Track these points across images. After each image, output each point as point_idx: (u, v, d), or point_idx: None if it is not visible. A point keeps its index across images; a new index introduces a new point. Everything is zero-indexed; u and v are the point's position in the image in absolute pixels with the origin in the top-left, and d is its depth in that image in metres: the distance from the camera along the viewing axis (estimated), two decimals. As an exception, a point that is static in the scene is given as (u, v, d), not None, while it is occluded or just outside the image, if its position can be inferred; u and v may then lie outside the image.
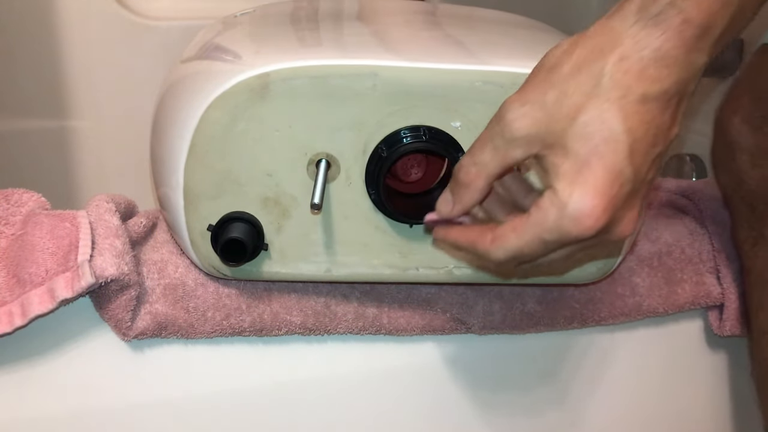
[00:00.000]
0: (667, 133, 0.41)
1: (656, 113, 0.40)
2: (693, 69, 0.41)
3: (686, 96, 0.42)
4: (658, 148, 0.41)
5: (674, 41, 0.40)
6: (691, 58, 0.40)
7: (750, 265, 0.63)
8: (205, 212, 0.54)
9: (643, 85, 0.40)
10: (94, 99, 0.89)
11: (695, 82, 0.42)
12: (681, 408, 0.69)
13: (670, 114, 0.41)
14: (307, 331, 0.60)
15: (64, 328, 0.56)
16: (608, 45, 0.40)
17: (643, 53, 0.40)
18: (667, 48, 0.40)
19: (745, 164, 0.62)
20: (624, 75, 0.40)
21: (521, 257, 0.43)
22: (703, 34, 0.40)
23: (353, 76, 0.52)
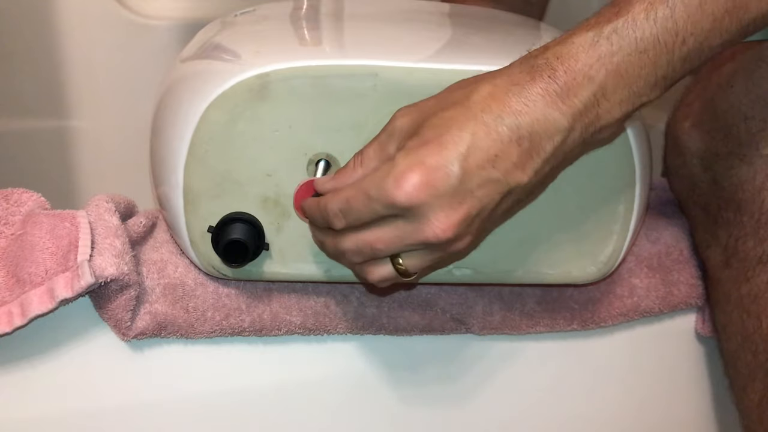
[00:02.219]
0: (511, 168, 0.45)
1: (505, 140, 0.44)
2: (549, 125, 0.45)
3: (541, 152, 0.45)
4: (495, 172, 0.45)
5: (538, 89, 0.45)
6: (550, 112, 0.45)
7: (706, 267, 0.65)
8: (204, 212, 0.54)
9: (502, 109, 0.45)
10: (94, 99, 0.89)
11: (554, 143, 0.45)
12: (677, 406, 0.69)
13: (519, 153, 0.45)
14: (306, 331, 0.60)
15: (63, 328, 0.56)
16: (490, 76, 0.47)
17: (512, 88, 0.45)
18: (531, 90, 0.45)
19: (696, 168, 0.63)
20: (489, 97, 0.45)
21: (349, 211, 0.47)
22: (565, 96, 0.45)
23: (353, 77, 0.52)
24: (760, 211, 0.59)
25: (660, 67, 0.45)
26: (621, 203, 0.56)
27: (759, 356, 0.59)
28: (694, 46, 0.45)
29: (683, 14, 0.44)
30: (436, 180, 0.44)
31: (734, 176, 0.60)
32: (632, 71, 0.45)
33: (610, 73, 0.45)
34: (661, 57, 0.45)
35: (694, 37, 0.45)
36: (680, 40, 0.45)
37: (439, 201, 0.45)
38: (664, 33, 0.44)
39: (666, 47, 0.45)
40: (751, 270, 0.59)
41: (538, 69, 0.45)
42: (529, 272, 0.58)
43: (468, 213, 0.45)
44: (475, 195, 0.45)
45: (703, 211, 0.64)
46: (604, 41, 0.45)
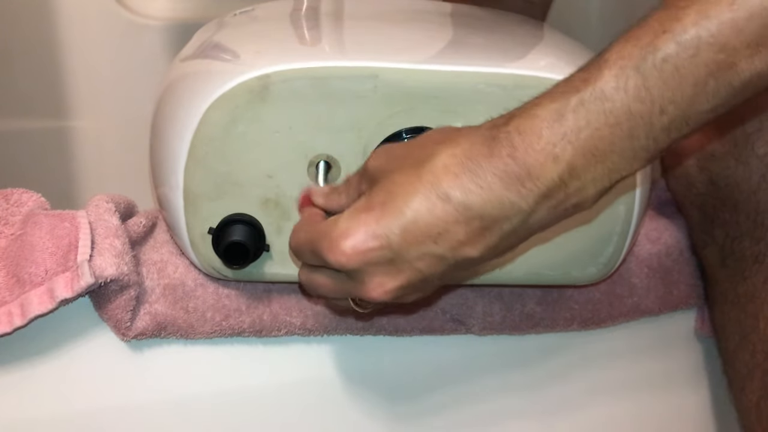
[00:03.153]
0: (456, 245, 0.42)
1: (450, 220, 0.42)
2: (506, 208, 0.41)
3: (496, 230, 0.42)
4: (437, 248, 0.42)
5: (495, 168, 0.41)
6: (506, 195, 0.41)
7: (704, 266, 0.65)
8: (205, 214, 0.54)
9: (451, 185, 0.41)
10: (94, 99, 0.89)
11: (512, 224, 0.42)
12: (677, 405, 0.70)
13: (467, 232, 0.42)
14: (306, 332, 0.59)
15: (63, 328, 0.56)
16: (454, 141, 0.43)
17: (467, 163, 0.41)
18: (486, 169, 0.41)
19: (692, 168, 0.63)
20: (443, 169, 0.42)
21: (299, 254, 0.48)
22: (526, 178, 0.41)
23: (354, 78, 0.51)
24: (756, 211, 0.59)
25: (637, 139, 0.40)
26: (621, 204, 0.56)
27: (757, 356, 0.59)
28: (677, 114, 0.39)
29: (658, 81, 0.39)
30: (370, 249, 0.43)
31: (730, 176, 0.60)
32: (603, 147, 0.40)
33: (578, 150, 0.40)
34: (636, 129, 0.40)
35: (674, 106, 0.39)
36: (657, 110, 0.39)
37: (373, 269, 0.44)
38: (638, 103, 0.39)
39: (642, 119, 0.39)
40: (747, 270, 0.60)
41: (498, 144, 0.41)
42: (530, 273, 0.58)
43: (407, 281, 0.44)
44: (414, 266, 0.43)
45: (700, 211, 0.64)
46: (570, 115, 0.40)
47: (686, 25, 0.38)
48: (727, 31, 0.38)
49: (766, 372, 0.58)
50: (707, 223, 0.63)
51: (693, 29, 0.38)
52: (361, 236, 0.43)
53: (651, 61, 0.39)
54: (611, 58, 0.40)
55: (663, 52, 0.39)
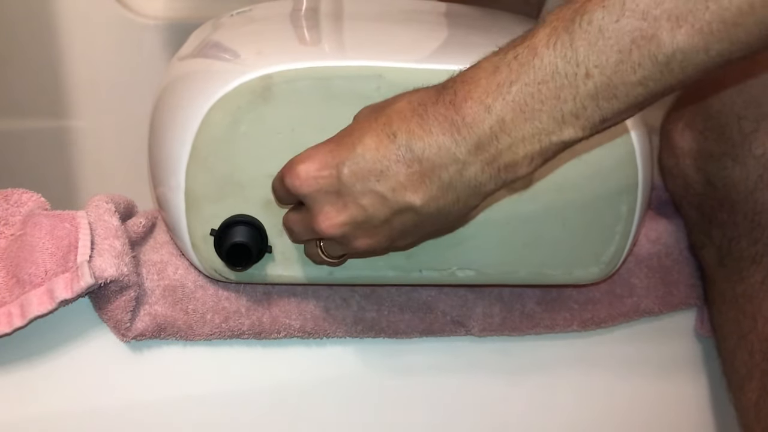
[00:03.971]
0: (398, 187, 0.44)
1: (392, 159, 0.43)
2: (443, 153, 0.42)
3: (435, 179, 0.43)
4: (380, 187, 0.44)
5: (438, 113, 0.43)
6: (443, 140, 0.42)
7: (702, 266, 0.65)
8: (206, 215, 0.54)
9: (399, 127, 0.43)
10: (94, 99, 0.89)
11: (449, 173, 0.43)
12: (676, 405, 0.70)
13: (408, 175, 0.43)
14: (306, 334, 0.59)
15: (63, 328, 0.56)
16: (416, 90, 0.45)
17: (417, 108, 0.44)
18: (430, 113, 0.43)
19: (690, 169, 0.64)
20: (397, 113, 0.44)
21: (275, 188, 0.51)
22: (462, 125, 0.42)
23: (357, 78, 0.51)
24: (754, 211, 0.59)
25: (564, 101, 0.40)
26: (623, 203, 0.56)
27: (755, 356, 0.59)
28: (602, 81, 0.39)
29: (584, 42, 0.39)
30: (322, 177, 0.45)
31: (727, 177, 0.60)
32: (532, 104, 0.41)
33: (508, 103, 0.41)
34: (563, 90, 0.40)
35: (599, 71, 0.39)
36: (583, 73, 0.39)
37: (324, 197, 0.46)
38: (564, 62, 0.40)
39: (568, 79, 0.40)
40: (745, 270, 0.60)
41: (444, 91, 0.43)
42: (532, 273, 0.58)
43: (352, 217, 0.46)
44: (358, 202, 0.45)
45: (698, 212, 0.64)
46: (504, 67, 0.41)
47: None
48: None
49: (764, 372, 0.58)
50: (705, 223, 0.63)
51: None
52: (315, 163, 0.46)
53: (578, 23, 0.39)
54: (548, 19, 0.41)
55: (590, 15, 0.39)
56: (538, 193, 0.55)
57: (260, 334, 0.59)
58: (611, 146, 0.55)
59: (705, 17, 0.37)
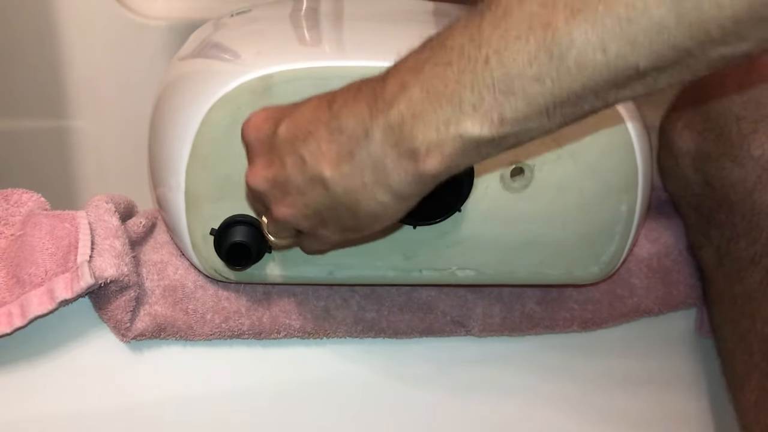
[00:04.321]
0: (317, 153, 0.42)
1: (322, 121, 0.42)
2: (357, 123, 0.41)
3: (349, 155, 0.41)
4: (302, 148, 0.43)
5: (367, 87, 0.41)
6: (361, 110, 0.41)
7: (701, 267, 0.65)
8: (206, 215, 0.54)
9: (338, 94, 0.43)
10: (94, 99, 0.89)
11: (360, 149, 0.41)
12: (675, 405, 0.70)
13: (328, 142, 0.42)
14: (306, 334, 0.59)
15: (63, 328, 0.56)
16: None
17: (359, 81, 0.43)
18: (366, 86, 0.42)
19: (688, 169, 0.63)
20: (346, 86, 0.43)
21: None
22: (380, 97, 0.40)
23: (356, 78, 0.51)
24: (752, 212, 0.59)
25: (464, 87, 0.37)
26: (623, 203, 0.56)
27: (754, 356, 0.59)
28: (499, 69, 0.36)
29: (489, 25, 0.36)
30: (262, 128, 0.46)
31: (726, 177, 0.60)
32: (438, 87, 0.38)
33: (419, 82, 0.38)
34: (465, 74, 0.37)
35: (497, 58, 0.36)
36: (483, 57, 0.36)
37: (260, 148, 0.46)
38: (470, 44, 0.37)
39: (470, 63, 0.37)
40: (744, 270, 0.60)
41: (387, 69, 0.41)
42: (532, 273, 0.58)
43: (274, 174, 0.45)
44: (283, 161, 0.44)
45: (696, 212, 0.64)
46: (427, 47, 0.39)
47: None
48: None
49: (764, 372, 0.58)
50: (703, 224, 0.63)
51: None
52: (264, 115, 0.46)
53: (490, 5, 0.37)
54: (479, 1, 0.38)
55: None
56: (537, 193, 0.55)
57: (260, 334, 0.59)
58: (611, 146, 0.55)
59: (598, 8, 0.33)
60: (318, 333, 0.60)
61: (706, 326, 0.67)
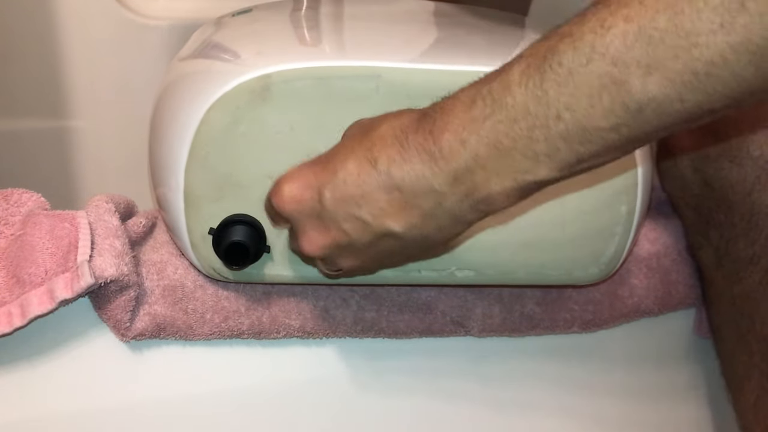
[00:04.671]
0: (379, 214, 0.44)
1: (372, 185, 0.43)
2: (422, 183, 0.42)
3: (416, 207, 0.43)
4: (361, 212, 0.44)
5: (417, 142, 0.42)
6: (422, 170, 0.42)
7: (700, 267, 0.65)
8: (205, 215, 0.54)
9: (380, 153, 0.43)
10: (94, 99, 0.89)
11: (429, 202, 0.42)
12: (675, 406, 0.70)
13: (388, 201, 0.43)
14: (305, 334, 0.59)
15: (63, 328, 0.56)
16: (400, 114, 0.45)
17: (399, 134, 0.43)
18: (411, 141, 0.42)
19: (687, 170, 0.64)
20: (379, 137, 0.44)
21: (267, 210, 0.52)
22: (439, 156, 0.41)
23: (356, 78, 0.51)
24: (751, 212, 0.59)
25: (536, 141, 0.39)
26: (623, 204, 0.56)
27: (753, 356, 0.59)
28: (573, 124, 0.38)
29: (554, 84, 0.37)
30: (304, 199, 0.46)
31: (724, 178, 0.60)
32: (506, 142, 0.39)
33: (482, 138, 0.40)
34: (535, 130, 0.39)
35: (570, 114, 0.37)
36: (554, 114, 0.38)
37: (307, 220, 0.46)
38: (535, 103, 0.38)
39: (539, 120, 0.38)
40: (742, 271, 0.60)
41: (425, 119, 0.42)
42: (532, 273, 0.58)
43: (335, 241, 0.46)
44: (341, 227, 0.45)
45: (695, 212, 0.64)
46: (480, 101, 0.40)
47: (585, 31, 0.37)
48: (618, 43, 0.36)
49: (763, 372, 0.58)
50: (702, 224, 0.63)
51: (589, 36, 0.37)
52: (298, 185, 0.46)
53: (549, 63, 0.38)
54: (525, 54, 0.39)
55: (560, 56, 0.37)
56: (537, 193, 0.55)
57: (260, 333, 0.59)
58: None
59: (675, 67, 0.35)
60: (317, 333, 0.60)
61: (705, 327, 0.67)
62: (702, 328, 0.67)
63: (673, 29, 0.34)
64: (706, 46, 0.34)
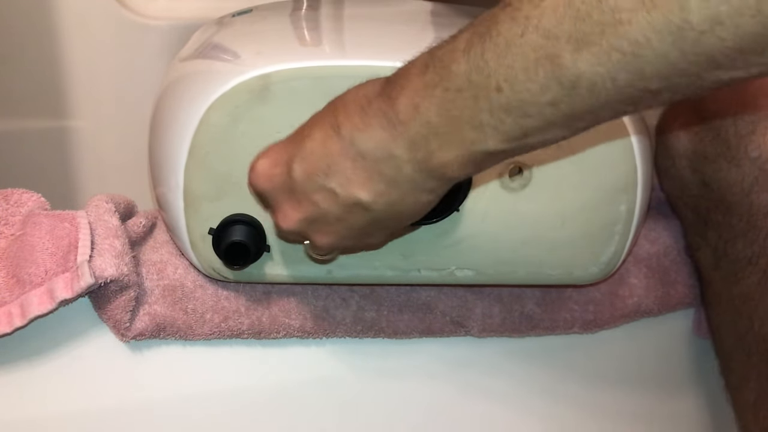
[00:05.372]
0: (346, 182, 0.43)
1: (336, 153, 0.43)
2: (382, 148, 0.42)
3: (380, 174, 0.42)
4: (330, 182, 0.44)
5: (377, 107, 0.42)
6: (381, 135, 0.41)
7: (698, 268, 0.65)
8: (205, 214, 0.54)
9: (344, 121, 0.43)
10: (94, 99, 0.89)
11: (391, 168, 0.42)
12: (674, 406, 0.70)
13: (354, 169, 0.43)
14: (305, 334, 0.60)
15: (63, 328, 0.56)
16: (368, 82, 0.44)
17: (362, 101, 0.42)
18: (373, 107, 0.42)
19: (685, 170, 0.64)
20: (344, 105, 0.43)
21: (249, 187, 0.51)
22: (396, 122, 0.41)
23: (354, 78, 0.51)
24: (749, 213, 0.59)
25: (481, 111, 0.38)
26: (623, 203, 0.56)
27: (752, 357, 0.59)
28: (513, 97, 0.37)
29: (493, 54, 0.37)
30: (275, 174, 0.46)
31: (723, 179, 0.60)
32: (453, 111, 0.39)
33: (433, 105, 0.39)
34: (479, 101, 0.38)
35: (509, 85, 0.37)
36: (494, 85, 0.37)
37: (281, 195, 0.46)
38: (477, 73, 0.37)
39: (481, 90, 0.38)
40: (741, 271, 0.60)
41: (387, 85, 0.42)
42: (531, 273, 0.58)
43: (308, 214, 0.46)
44: (311, 198, 0.45)
45: (693, 213, 0.64)
46: (431, 69, 0.39)
47: (524, 1, 0.36)
48: (549, 15, 0.35)
49: (761, 373, 0.58)
50: (700, 224, 0.63)
51: (527, 6, 0.36)
52: (269, 160, 0.46)
53: (490, 32, 0.37)
54: (474, 23, 0.39)
55: (499, 26, 0.37)
56: (536, 193, 0.55)
57: (260, 333, 0.59)
58: (610, 145, 0.55)
59: (602, 44, 0.34)
60: (317, 332, 0.60)
61: (704, 327, 0.67)
62: (701, 329, 0.67)
63: (597, 3, 0.33)
64: (629, 23, 0.33)
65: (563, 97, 0.36)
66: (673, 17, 0.32)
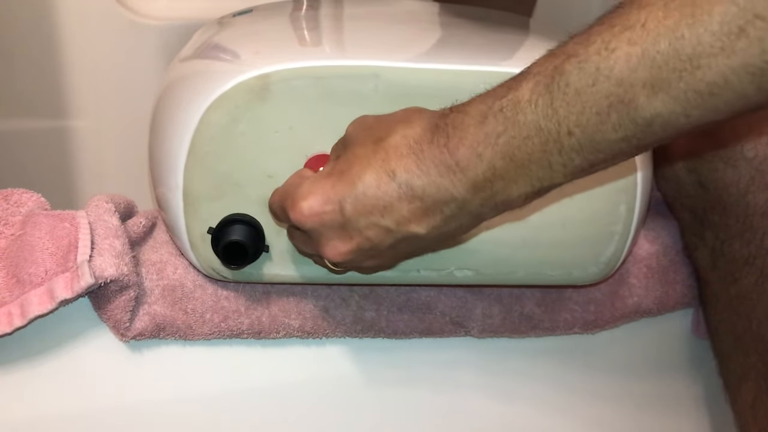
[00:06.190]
0: (402, 220, 0.45)
1: (394, 196, 0.45)
2: (442, 192, 0.44)
3: (438, 212, 0.45)
4: (384, 221, 0.45)
5: (433, 155, 0.43)
6: (441, 182, 0.43)
7: (696, 268, 0.65)
8: (205, 214, 0.54)
9: (398, 165, 0.44)
10: (94, 99, 0.89)
11: (451, 208, 0.44)
12: (673, 406, 0.70)
13: (410, 210, 0.45)
14: (305, 334, 0.60)
15: (63, 328, 0.56)
16: (410, 123, 0.46)
17: (413, 146, 0.44)
18: (427, 153, 0.44)
19: (682, 171, 0.64)
20: (394, 148, 0.45)
21: (273, 212, 0.52)
22: (456, 169, 0.43)
23: (354, 77, 0.52)
24: (746, 213, 0.59)
25: (551, 153, 0.41)
26: (622, 203, 0.56)
27: (750, 357, 0.59)
28: (584, 138, 0.39)
29: (562, 103, 0.39)
30: (325, 213, 0.46)
31: (719, 179, 0.61)
32: (520, 155, 0.41)
33: (497, 153, 0.42)
34: (548, 144, 0.40)
35: (580, 130, 0.39)
36: (565, 131, 0.40)
37: (328, 231, 0.47)
38: (546, 121, 0.40)
39: (551, 135, 0.40)
40: (738, 271, 0.60)
41: (438, 133, 0.44)
42: (531, 273, 0.58)
43: (358, 246, 0.47)
44: (363, 234, 0.46)
45: (690, 214, 0.64)
46: (491, 119, 0.42)
47: (590, 52, 0.38)
48: (622, 65, 0.37)
49: (760, 372, 0.59)
50: (697, 225, 0.63)
51: (595, 57, 0.38)
52: (318, 200, 0.46)
53: (557, 82, 0.39)
54: (533, 71, 0.41)
55: (567, 77, 0.39)
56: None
57: (259, 333, 0.59)
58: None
59: (679, 86, 0.36)
60: (317, 332, 0.60)
61: (702, 328, 0.67)
62: (700, 329, 0.67)
63: (675, 53, 0.36)
64: (708, 68, 0.35)
65: (636, 134, 0.39)
66: (755, 60, 0.35)
